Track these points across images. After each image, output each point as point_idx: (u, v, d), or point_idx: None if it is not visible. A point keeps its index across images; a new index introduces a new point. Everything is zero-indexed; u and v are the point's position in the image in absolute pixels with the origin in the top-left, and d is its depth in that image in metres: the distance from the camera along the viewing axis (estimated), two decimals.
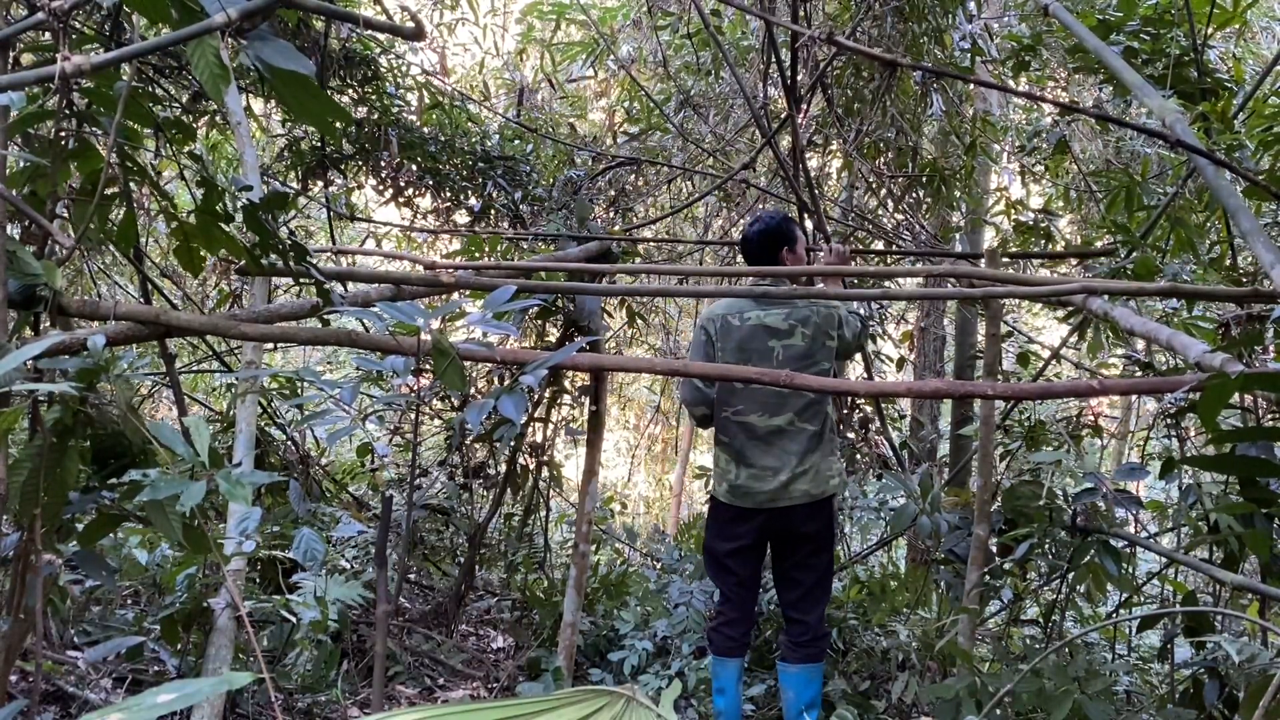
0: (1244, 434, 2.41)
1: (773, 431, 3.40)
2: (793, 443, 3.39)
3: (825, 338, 3.40)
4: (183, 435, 1.97)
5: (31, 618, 2.01)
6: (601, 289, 3.60)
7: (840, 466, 3.52)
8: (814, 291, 3.28)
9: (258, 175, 3.16)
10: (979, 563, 3.38)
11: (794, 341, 3.39)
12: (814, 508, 3.41)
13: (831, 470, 3.45)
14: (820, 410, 3.43)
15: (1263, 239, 2.15)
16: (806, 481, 3.37)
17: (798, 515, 3.41)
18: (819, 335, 3.40)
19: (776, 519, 3.42)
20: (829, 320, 3.42)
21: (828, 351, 3.41)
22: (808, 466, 3.38)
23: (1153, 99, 2.62)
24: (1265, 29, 6.80)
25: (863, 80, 4.92)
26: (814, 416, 3.41)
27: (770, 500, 3.39)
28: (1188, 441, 3.85)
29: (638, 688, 1.47)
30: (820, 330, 3.40)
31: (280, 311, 2.64)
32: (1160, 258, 3.58)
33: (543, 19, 6.67)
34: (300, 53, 1.96)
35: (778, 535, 3.48)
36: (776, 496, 3.38)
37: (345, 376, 4.29)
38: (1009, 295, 3.02)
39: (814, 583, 3.49)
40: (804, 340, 3.39)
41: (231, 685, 1.08)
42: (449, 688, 4.04)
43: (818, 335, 3.39)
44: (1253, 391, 3.11)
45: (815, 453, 3.40)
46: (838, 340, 3.43)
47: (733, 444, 3.45)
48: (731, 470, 3.46)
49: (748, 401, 3.42)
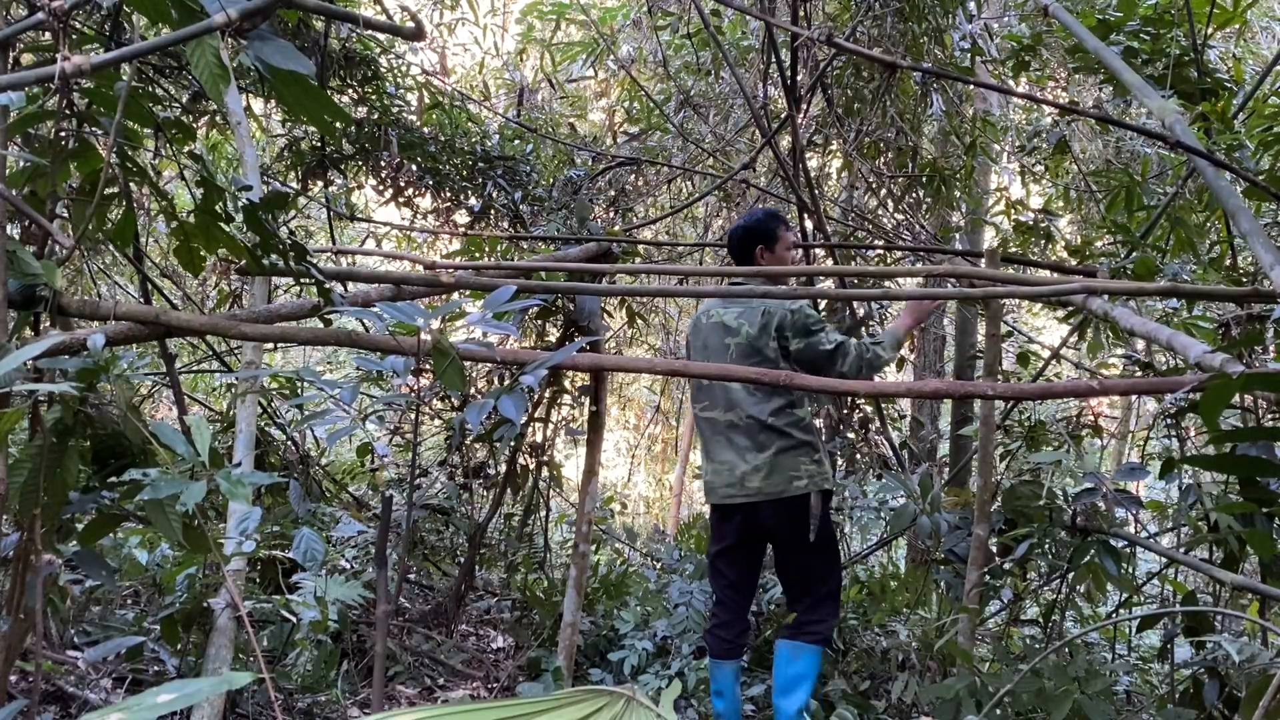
0: (1244, 434, 2.41)
1: (729, 426, 3.43)
2: (747, 438, 3.39)
3: (768, 336, 3.39)
4: (183, 435, 1.97)
5: (31, 618, 2.01)
6: (601, 289, 3.60)
7: (815, 468, 3.39)
8: (814, 292, 3.27)
9: (258, 175, 3.16)
10: (979, 563, 3.38)
11: (739, 340, 3.43)
12: (781, 505, 3.37)
13: (799, 469, 3.36)
14: (787, 407, 3.39)
15: (1262, 239, 2.15)
16: (762, 478, 3.35)
17: (765, 513, 3.39)
18: (761, 333, 3.40)
19: (749, 516, 3.43)
20: (770, 320, 3.40)
21: (773, 350, 3.38)
22: (764, 463, 3.35)
23: (1152, 99, 2.62)
24: (1265, 29, 6.80)
25: (863, 80, 4.92)
26: (779, 413, 3.38)
27: (729, 496, 3.41)
28: (1188, 441, 3.85)
29: (638, 688, 1.47)
30: (763, 329, 3.40)
31: (280, 311, 2.64)
32: (1160, 258, 3.58)
33: (543, 19, 6.67)
34: (300, 53, 1.97)
35: (757, 534, 3.48)
36: (734, 493, 3.40)
37: (345, 376, 4.29)
38: (1009, 295, 3.02)
39: (798, 584, 3.48)
40: (747, 338, 3.42)
41: (231, 685, 1.08)
42: (449, 688, 4.04)
43: (761, 333, 3.40)
44: (1253, 392, 3.11)
45: (778, 450, 3.36)
46: (778, 341, 3.38)
47: (702, 439, 3.55)
48: (703, 466, 3.56)
49: (710, 397, 3.51)
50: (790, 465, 3.37)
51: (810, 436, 3.44)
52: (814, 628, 3.43)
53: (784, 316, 3.39)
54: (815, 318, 3.45)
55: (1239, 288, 3.22)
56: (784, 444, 3.38)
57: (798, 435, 3.40)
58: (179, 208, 2.79)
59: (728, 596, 3.56)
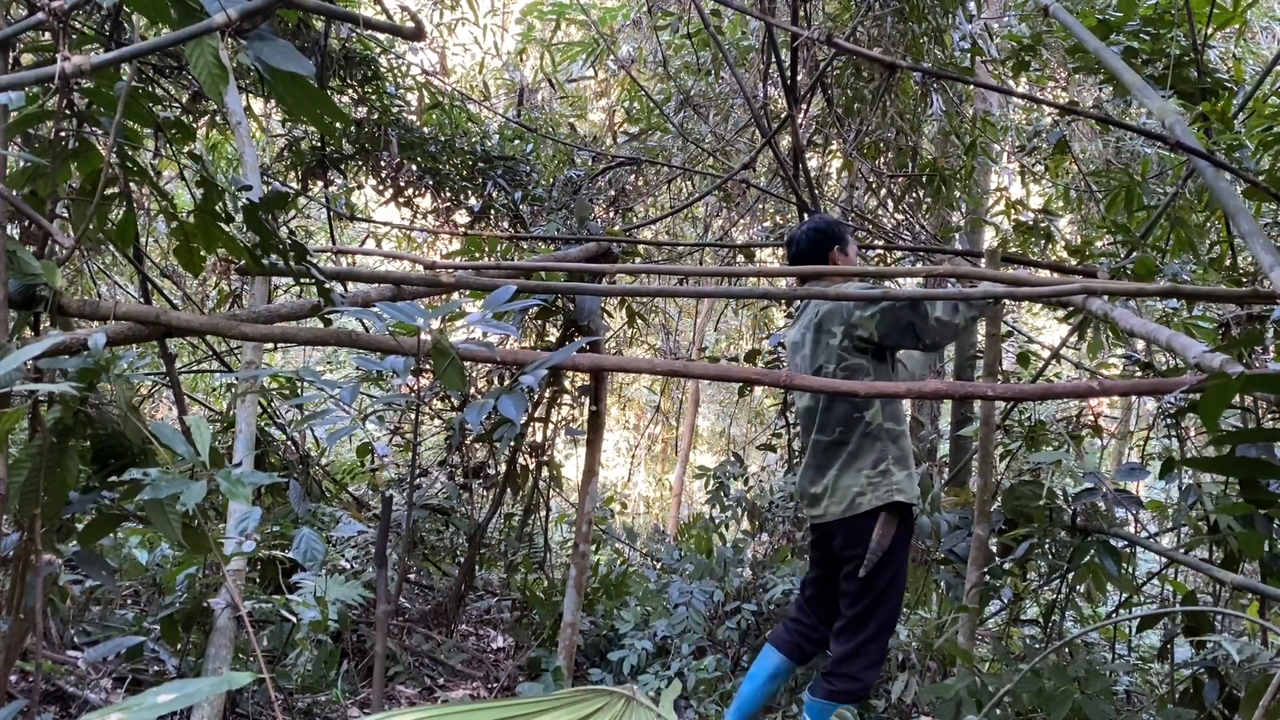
0: (1244, 435, 2.41)
1: (809, 448, 3.29)
2: (819, 458, 3.23)
3: (827, 335, 3.20)
4: (183, 435, 1.97)
5: (31, 618, 2.01)
6: (601, 289, 3.60)
7: (877, 479, 3.09)
8: (814, 292, 3.22)
9: (258, 175, 3.16)
10: (979, 563, 3.38)
11: (804, 350, 3.30)
12: (845, 525, 3.14)
13: (859, 485, 3.11)
14: (843, 423, 3.17)
15: (1262, 240, 2.15)
16: (829, 499, 3.17)
17: (832, 532, 3.20)
18: (820, 336, 3.23)
19: (821, 535, 3.29)
20: (830, 317, 3.19)
21: (830, 351, 3.18)
22: (829, 483, 3.18)
23: (1152, 100, 2.62)
24: (1265, 29, 6.81)
25: (863, 80, 4.92)
26: (836, 428, 3.18)
27: (815, 517, 3.27)
28: (1188, 442, 3.85)
29: (638, 688, 1.47)
30: (821, 330, 3.22)
31: (280, 311, 2.64)
32: (1160, 258, 3.58)
33: (543, 19, 6.68)
34: (300, 53, 1.97)
35: (827, 554, 3.29)
36: (816, 514, 3.25)
37: (345, 376, 4.29)
38: (1010, 296, 3.02)
39: (851, 614, 3.15)
40: (809, 346, 3.27)
41: (231, 685, 1.08)
42: (449, 688, 4.04)
43: (819, 336, 3.23)
44: (1253, 392, 3.11)
45: (839, 469, 3.16)
46: (842, 335, 3.15)
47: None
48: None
49: (801, 420, 3.40)
50: (853, 482, 3.14)
51: (875, 445, 3.15)
52: (843, 682, 3.09)
53: (832, 309, 3.18)
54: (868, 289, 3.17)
55: (1239, 289, 3.22)
56: (851, 461, 3.15)
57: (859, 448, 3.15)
58: (179, 208, 2.79)
59: (802, 597, 3.41)
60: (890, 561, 3.09)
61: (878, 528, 3.07)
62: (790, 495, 4.71)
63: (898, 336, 3.11)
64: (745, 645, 4.23)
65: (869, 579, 3.09)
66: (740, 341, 9.04)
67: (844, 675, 3.10)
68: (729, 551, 4.51)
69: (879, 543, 3.07)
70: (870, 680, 3.11)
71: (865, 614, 3.13)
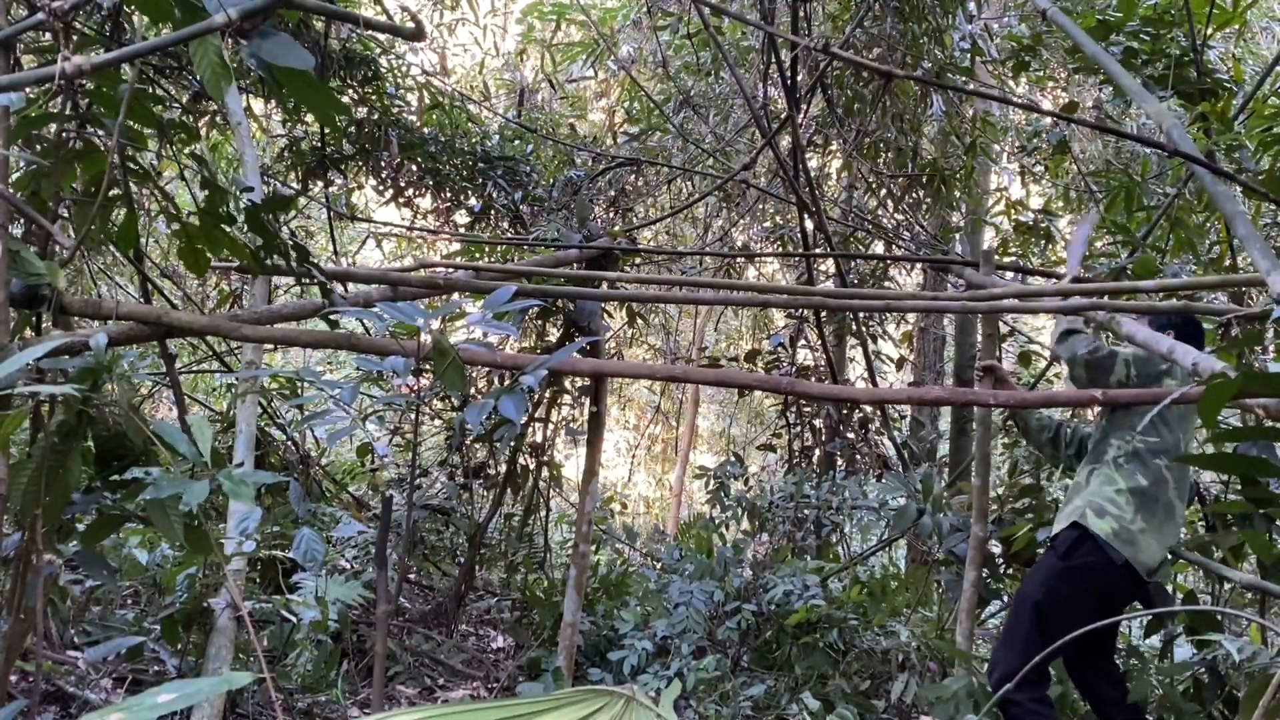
0: (1244, 434, 2.41)
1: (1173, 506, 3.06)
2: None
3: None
4: (185, 435, 1.97)
5: (31, 618, 2.01)
6: (601, 293, 3.60)
7: (1081, 502, 2.93)
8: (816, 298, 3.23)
9: (258, 175, 3.17)
10: (977, 563, 3.38)
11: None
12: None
13: (1071, 504, 2.99)
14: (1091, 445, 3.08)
15: (1259, 245, 2.15)
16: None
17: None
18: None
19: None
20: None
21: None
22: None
23: (1150, 104, 2.62)
24: (1265, 29, 6.80)
25: (862, 81, 4.92)
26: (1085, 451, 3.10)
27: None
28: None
29: (638, 688, 1.47)
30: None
31: (281, 312, 2.64)
32: (1160, 258, 3.59)
33: (543, 19, 6.67)
34: (299, 46, 1.97)
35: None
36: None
37: (345, 377, 4.29)
38: (1014, 310, 3.03)
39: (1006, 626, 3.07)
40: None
41: (231, 685, 1.08)
42: (449, 688, 4.04)
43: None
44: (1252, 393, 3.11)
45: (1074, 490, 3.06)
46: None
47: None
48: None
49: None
50: (1066, 500, 3.06)
51: (1100, 465, 2.99)
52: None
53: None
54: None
55: (1231, 278, 3.21)
56: (1082, 480, 3.03)
57: (1086, 466, 3.04)
58: (180, 208, 2.80)
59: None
60: (1032, 584, 3.00)
61: (1059, 550, 2.97)
62: (790, 495, 4.71)
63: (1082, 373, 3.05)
64: (745, 645, 4.22)
65: (1019, 596, 3.03)
66: (740, 342, 9.04)
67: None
68: (729, 551, 4.50)
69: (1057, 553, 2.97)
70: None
71: (1013, 633, 2.99)
